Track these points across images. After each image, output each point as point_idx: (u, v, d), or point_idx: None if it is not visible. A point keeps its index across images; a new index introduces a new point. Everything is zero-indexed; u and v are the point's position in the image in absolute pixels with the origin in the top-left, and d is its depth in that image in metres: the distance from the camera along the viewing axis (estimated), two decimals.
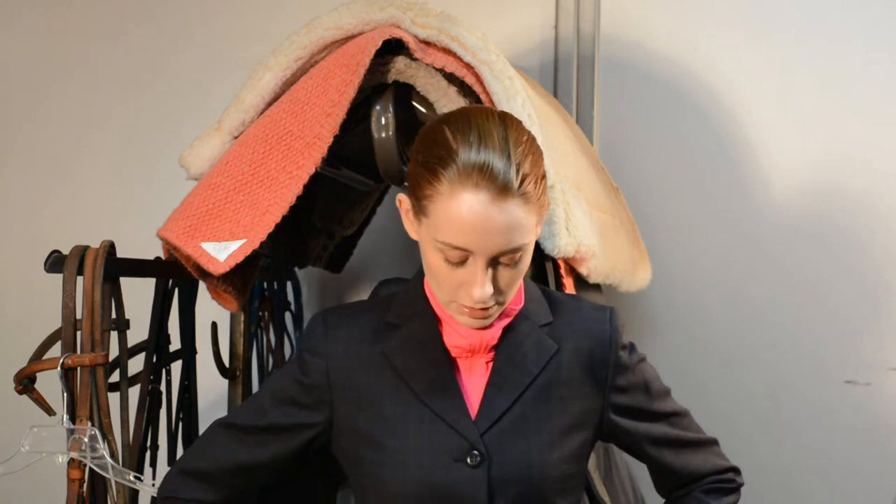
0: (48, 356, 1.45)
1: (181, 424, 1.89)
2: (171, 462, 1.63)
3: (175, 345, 1.83)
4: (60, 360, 1.42)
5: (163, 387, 1.77)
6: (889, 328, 2.39)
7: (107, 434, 1.45)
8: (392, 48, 1.56)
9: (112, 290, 1.51)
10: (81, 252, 1.46)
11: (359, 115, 1.60)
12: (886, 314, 2.39)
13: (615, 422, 1.33)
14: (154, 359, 1.73)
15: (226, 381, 2.15)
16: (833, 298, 2.42)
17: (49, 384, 1.48)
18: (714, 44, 2.46)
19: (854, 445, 2.40)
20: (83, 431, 1.43)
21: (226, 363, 2.12)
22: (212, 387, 2.21)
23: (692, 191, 2.48)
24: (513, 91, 1.49)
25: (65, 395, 1.43)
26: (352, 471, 1.32)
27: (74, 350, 1.45)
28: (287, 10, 2.58)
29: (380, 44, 1.51)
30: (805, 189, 2.43)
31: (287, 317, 2.41)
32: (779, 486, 2.42)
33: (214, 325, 2.03)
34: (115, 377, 1.57)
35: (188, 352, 1.90)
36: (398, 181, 1.64)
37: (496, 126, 1.17)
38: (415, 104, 1.62)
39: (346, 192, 2.10)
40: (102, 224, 2.58)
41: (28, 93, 2.71)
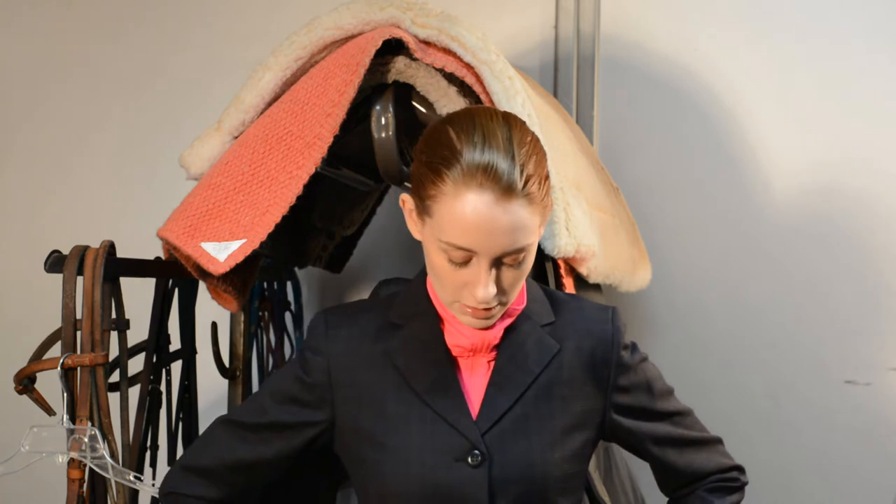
0: (48, 356, 1.45)
1: (181, 424, 1.89)
2: (171, 462, 1.63)
3: (175, 345, 1.83)
4: (60, 360, 1.42)
5: (163, 387, 1.77)
6: (889, 328, 2.40)
7: (107, 434, 1.45)
8: (392, 48, 1.56)
9: (112, 290, 1.51)
10: (81, 252, 1.46)
11: (359, 115, 1.60)
12: (886, 314, 2.40)
13: (617, 421, 1.33)
14: (154, 359, 1.73)
15: (226, 381, 2.15)
16: (833, 298, 2.42)
17: (49, 384, 1.48)
18: (714, 44, 2.46)
19: (854, 445, 2.40)
20: (83, 431, 1.43)
21: (226, 363, 2.12)
22: (212, 387, 2.22)
23: (692, 191, 2.48)
24: (513, 91, 1.49)
25: (65, 395, 1.43)
26: (353, 470, 1.33)
27: (74, 350, 1.45)
28: (287, 10, 2.58)
29: (380, 44, 1.51)
30: (805, 189, 2.43)
31: (287, 317, 2.41)
32: (779, 486, 2.42)
33: (214, 325, 2.03)
34: (115, 377, 1.57)
35: (188, 352, 1.90)
36: (398, 181, 1.64)
37: (500, 126, 1.17)
38: (415, 104, 1.62)
39: (346, 192, 2.10)
40: (102, 224, 2.58)
41: (28, 93, 2.71)
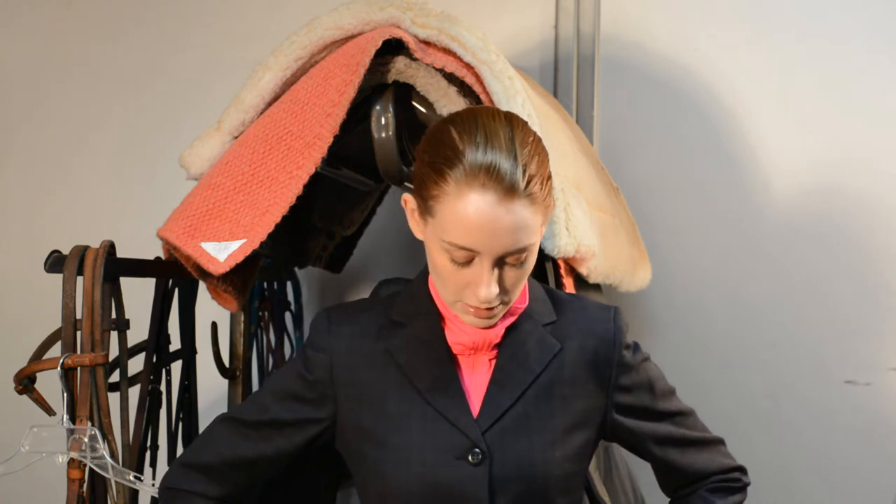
0: (48, 356, 1.45)
1: (181, 424, 1.89)
2: (171, 462, 1.64)
3: (175, 345, 1.83)
4: (60, 360, 1.42)
5: (163, 387, 1.77)
6: (889, 328, 2.39)
7: (107, 434, 1.45)
8: (392, 48, 1.56)
9: (112, 290, 1.51)
10: (81, 252, 1.46)
11: (359, 115, 1.60)
12: (886, 314, 2.39)
13: (618, 421, 1.33)
14: (154, 359, 1.73)
15: (226, 381, 2.15)
16: (833, 298, 2.42)
17: (49, 384, 1.48)
18: (714, 44, 2.46)
19: (854, 445, 2.40)
20: (83, 431, 1.43)
21: (226, 363, 2.12)
22: (212, 387, 2.21)
23: (692, 191, 2.48)
24: (513, 91, 1.49)
25: (65, 395, 1.43)
26: (355, 467, 1.33)
27: (74, 350, 1.45)
28: (287, 10, 2.58)
29: (380, 44, 1.51)
30: (805, 189, 2.43)
31: (287, 317, 2.41)
32: (779, 486, 2.42)
33: (214, 325, 2.03)
34: (115, 377, 1.57)
35: (188, 352, 1.90)
36: (398, 181, 1.64)
37: (503, 126, 1.17)
38: (415, 104, 1.62)
39: (346, 192, 2.10)
40: (102, 224, 2.58)
41: (28, 93, 2.71)
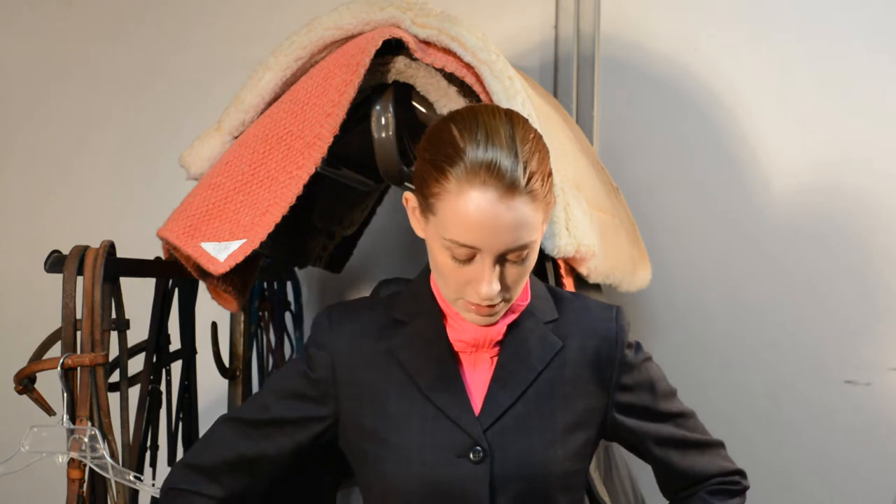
0: (48, 356, 1.45)
1: (181, 424, 1.89)
2: (171, 462, 1.63)
3: (175, 345, 1.83)
4: (60, 360, 1.42)
5: (163, 387, 1.77)
6: (889, 328, 2.39)
7: (107, 434, 1.45)
8: (392, 48, 1.56)
9: (112, 290, 1.51)
10: (81, 252, 1.46)
11: (359, 115, 1.60)
12: (886, 314, 2.39)
13: (619, 420, 1.33)
14: (154, 359, 1.73)
15: (226, 381, 2.15)
16: (833, 298, 2.42)
17: (49, 384, 1.48)
18: (714, 44, 2.46)
19: (854, 445, 2.40)
20: (83, 431, 1.43)
21: (226, 363, 2.12)
22: (212, 387, 2.21)
23: (692, 191, 2.48)
24: (513, 91, 1.49)
25: (65, 395, 1.43)
26: (357, 466, 1.33)
27: (74, 350, 1.45)
28: (287, 10, 2.58)
29: (380, 44, 1.51)
30: (805, 189, 2.43)
31: (287, 317, 2.41)
32: (779, 486, 2.42)
33: (214, 325, 2.03)
34: (115, 377, 1.57)
35: (188, 352, 1.90)
36: (398, 181, 1.64)
37: (503, 124, 1.17)
38: (415, 104, 1.62)
39: (346, 192, 2.10)
40: (102, 224, 2.58)
41: (28, 93, 2.71)
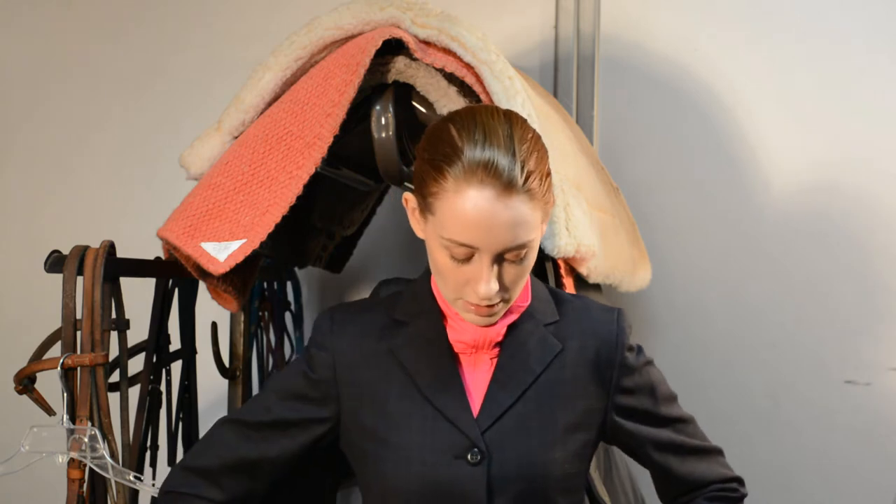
0: (48, 356, 1.45)
1: (181, 424, 1.89)
2: (171, 462, 1.64)
3: (175, 345, 1.83)
4: (60, 360, 1.42)
5: (163, 387, 1.77)
6: (889, 328, 2.39)
7: (107, 434, 1.45)
8: (392, 48, 1.56)
9: (112, 290, 1.51)
10: (81, 252, 1.46)
11: (359, 115, 1.60)
12: (886, 314, 2.39)
13: (619, 423, 1.33)
14: (154, 359, 1.73)
15: (226, 381, 2.15)
16: (833, 298, 2.42)
17: (49, 384, 1.48)
18: (714, 44, 2.46)
19: (854, 445, 2.40)
20: (83, 431, 1.42)
21: (226, 363, 2.12)
22: (212, 387, 2.21)
23: (692, 191, 2.48)
24: (513, 91, 1.49)
25: (65, 395, 1.43)
26: (357, 466, 1.33)
27: (74, 350, 1.45)
28: (287, 10, 2.58)
29: (380, 44, 1.51)
30: (805, 189, 2.43)
31: (287, 317, 2.41)
32: (779, 486, 2.42)
33: (214, 325, 2.03)
34: (115, 377, 1.57)
35: (188, 352, 1.90)
36: (398, 181, 1.64)
37: (501, 124, 1.18)
38: (415, 104, 1.62)
39: (346, 192, 2.10)
40: (102, 224, 2.58)
41: (28, 93, 2.71)
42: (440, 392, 1.27)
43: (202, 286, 1.71)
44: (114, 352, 1.53)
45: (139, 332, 1.67)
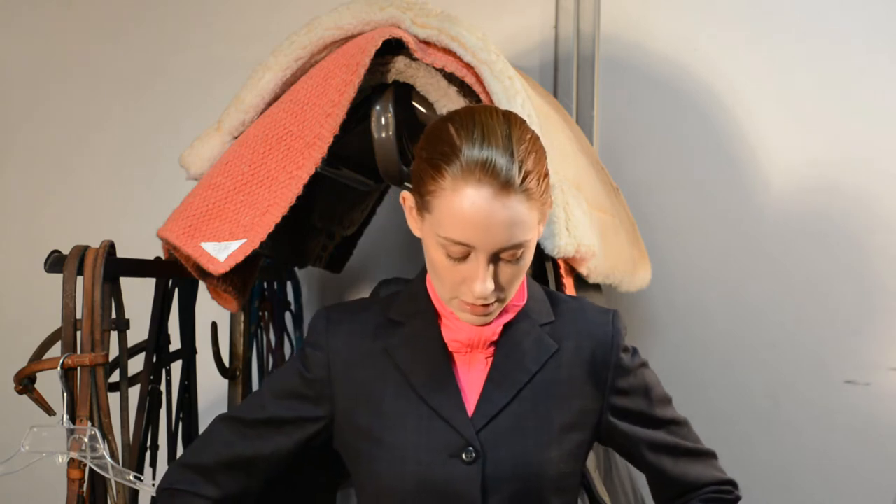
0: (48, 356, 1.45)
1: (181, 424, 1.89)
2: (171, 462, 1.63)
3: (175, 345, 1.83)
4: (60, 360, 1.42)
5: (163, 387, 1.77)
6: (889, 328, 2.39)
7: (107, 434, 1.45)
8: (392, 48, 1.56)
9: (112, 290, 1.51)
10: (81, 252, 1.46)
11: (359, 115, 1.60)
12: (886, 314, 2.39)
13: (613, 424, 1.33)
14: (154, 359, 1.73)
15: (226, 381, 2.15)
16: (833, 298, 2.42)
17: (49, 384, 1.48)
18: (714, 44, 2.46)
19: (854, 445, 2.40)
20: (83, 431, 1.43)
21: (226, 363, 2.12)
22: (212, 387, 2.21)
23: (692, 191, 2.48)
24: (513, 91, 1.49)
25: (65, 395, 1.43)
26: (352, 465, 1.33)
27: (74, 350, 1.45)
28: (287, 10, 2.58)
29: (380, 44, 1.51)
30: (805, 189, 2.43)
31: (287, 317, 2.41)
32: (779, 486, 2.42)
33: (214, 325, 2.03)
34: (115, 377, 1.57)
35: (188, 352, 1.90)
36: (398, 181, 1.64)
37: (500, 124, 1.18)
38: (415, 104, 1.62)
39: (346, 192, 2.10)
40: (102, 224, 2.58)
41: (28, 93, 2.71)
42: (435, 391, 1.27)
43: (202, 286, 1.71)
44: (114, 352, 1.53)
45: (139, 332, 1.67)
